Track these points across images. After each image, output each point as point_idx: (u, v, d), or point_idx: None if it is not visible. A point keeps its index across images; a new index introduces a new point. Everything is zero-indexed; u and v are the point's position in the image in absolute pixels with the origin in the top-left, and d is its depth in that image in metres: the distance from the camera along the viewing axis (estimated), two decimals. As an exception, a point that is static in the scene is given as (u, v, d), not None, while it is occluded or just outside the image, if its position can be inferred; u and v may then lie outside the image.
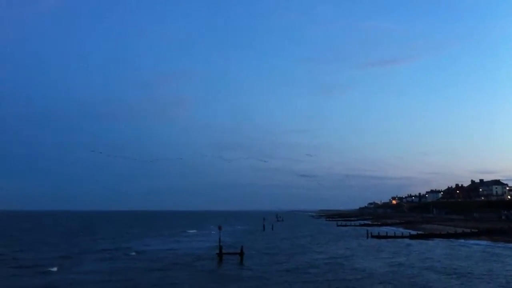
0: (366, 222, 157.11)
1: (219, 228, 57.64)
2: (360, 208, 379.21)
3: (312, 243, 75.29)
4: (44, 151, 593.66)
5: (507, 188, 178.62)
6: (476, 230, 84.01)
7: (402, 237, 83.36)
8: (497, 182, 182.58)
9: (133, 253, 56.57)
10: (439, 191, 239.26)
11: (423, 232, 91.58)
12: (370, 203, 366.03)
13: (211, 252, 56.09)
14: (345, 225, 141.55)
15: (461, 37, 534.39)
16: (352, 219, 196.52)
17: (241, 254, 51.68)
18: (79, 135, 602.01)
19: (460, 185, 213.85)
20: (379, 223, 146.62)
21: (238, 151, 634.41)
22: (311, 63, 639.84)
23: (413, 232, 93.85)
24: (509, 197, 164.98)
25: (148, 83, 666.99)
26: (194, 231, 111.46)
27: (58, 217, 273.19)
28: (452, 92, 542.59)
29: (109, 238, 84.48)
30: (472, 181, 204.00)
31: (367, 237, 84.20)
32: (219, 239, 54.54)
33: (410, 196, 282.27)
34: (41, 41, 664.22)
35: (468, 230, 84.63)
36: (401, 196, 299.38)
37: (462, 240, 74.57)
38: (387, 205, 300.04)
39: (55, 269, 42.81)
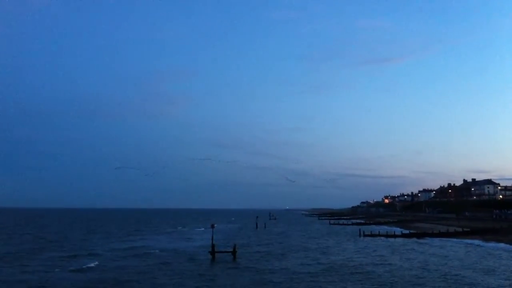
0: (358, 221, 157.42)
1: (212, 226, 57.53)
2: (353, 207, 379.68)
3: (304, 241, 75.21)
4: (37, 149, 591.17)
5: (499, 187, 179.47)
6: (468, 230, 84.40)
7: (395, 236, 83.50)
8: (489, 182, 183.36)
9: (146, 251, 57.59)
10: (431, 190, 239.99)
11: (415, 231, 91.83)
12: (363, 202, 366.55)
13: (204, 250, 55.97)
14: (338, 224, 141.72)
15: (457, 36, 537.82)
16: (345, 218, 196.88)
17: (234, 252, 51.59)
18: (74, 132, 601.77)
19: (452, 185, 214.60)
20: (371, 222, 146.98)
21: (232, 149, 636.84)
22: (306, 61, 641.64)
23: (406, 231, 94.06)
24: (500, 196, 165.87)
25: (143, 82, 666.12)
26: (202, 229, 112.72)
27: (59, 215, 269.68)
28: (447, 91, 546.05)
29: (125, 236, 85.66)
30: (465, 181, 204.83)
31: (360, 236, 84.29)
32: (212, 237, 54.45)
33: (403, 195, 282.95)
34: (35, 39, 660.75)
35: (460, 229, 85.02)
36: (393, 195, 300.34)
37: (455, 239, 74.72)
38: (379, 204, 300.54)
39: (92, 264, 44.03)
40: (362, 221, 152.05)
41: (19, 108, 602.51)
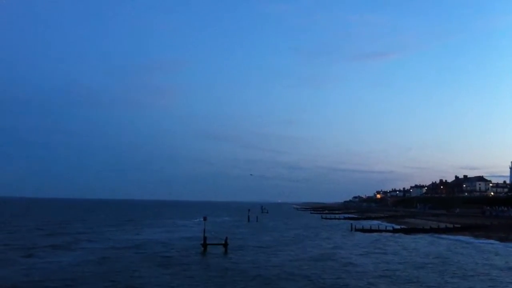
0: (350, 215, 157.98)
1: (204, 219, 57.62)
2: (345, 202, 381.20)
3: (298, 235, 75.39)
4: (25, 138, 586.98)
5: (490, 184, 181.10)
6: (459, 226, 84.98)
7: (386, 231, 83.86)
8: (480, 179, 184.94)
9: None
10: (423, 186, 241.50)
11: (406, 227, 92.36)
12: (355, 197, 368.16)
13: (196, 242, 55.98)
14: (330, 218, 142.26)
15: (451, 31, 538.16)
16: (337, 212, 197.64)
17: (225, 245, 51.69)
18: (63, 122, 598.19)
19: (444, 181, 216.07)
20: (363, 217, 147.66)
21: (224, 141, 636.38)
22: (299, 54, 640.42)
23: (397, 227, 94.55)
24: (492, 193, 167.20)
25: (133, 73, 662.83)
26: (196, 220, 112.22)
27: (47, 205, 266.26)
28: (439, 87, 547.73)
29: (118, 228, 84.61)
30: (456, 177, 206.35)
31: (351, 230, 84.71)
32: (204, 229, 54.50)
33: (395, 190, 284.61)
34: (23, 30, 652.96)
35: (451, 225, 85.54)
36: (385, 190, 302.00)
37: (448, 235, 74.94)
38: (371, 199, 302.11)
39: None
40: (354, 216, 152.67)
41: (7, 97, 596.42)
